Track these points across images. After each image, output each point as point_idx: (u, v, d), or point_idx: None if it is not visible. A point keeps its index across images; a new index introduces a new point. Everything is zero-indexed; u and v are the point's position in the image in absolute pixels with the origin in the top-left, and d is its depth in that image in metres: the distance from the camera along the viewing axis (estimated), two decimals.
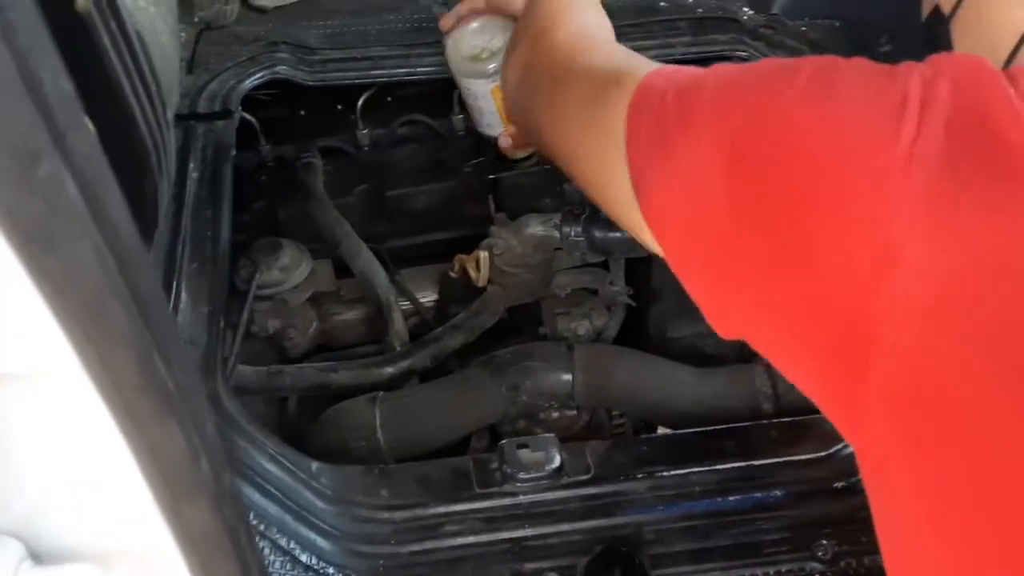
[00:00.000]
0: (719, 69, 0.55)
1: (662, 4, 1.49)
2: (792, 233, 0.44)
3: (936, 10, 0.60)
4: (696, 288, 0.53)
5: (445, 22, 1.12)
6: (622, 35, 1.39)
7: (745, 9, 1.49)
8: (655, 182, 0.52)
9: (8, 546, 0.34)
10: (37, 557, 0.35)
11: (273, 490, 0.84)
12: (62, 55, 0.46)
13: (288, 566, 0.81)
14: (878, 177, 0.41)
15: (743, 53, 1.39)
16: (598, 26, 0.87)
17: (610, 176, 0.57)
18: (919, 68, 0.45)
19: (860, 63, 0.48)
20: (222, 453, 0.34)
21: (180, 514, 0.32)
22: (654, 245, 0.56)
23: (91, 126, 0.44)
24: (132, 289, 0.27)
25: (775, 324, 0.49)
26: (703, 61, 1.40)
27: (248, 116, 1.25)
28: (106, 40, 0.46)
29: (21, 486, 0.33)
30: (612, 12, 1.46)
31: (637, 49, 1.38)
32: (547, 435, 0.93)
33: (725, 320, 0.53)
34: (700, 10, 1.47)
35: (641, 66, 0.62)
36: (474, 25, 1.10)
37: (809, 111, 0.45)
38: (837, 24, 1.45)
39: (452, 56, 1.11)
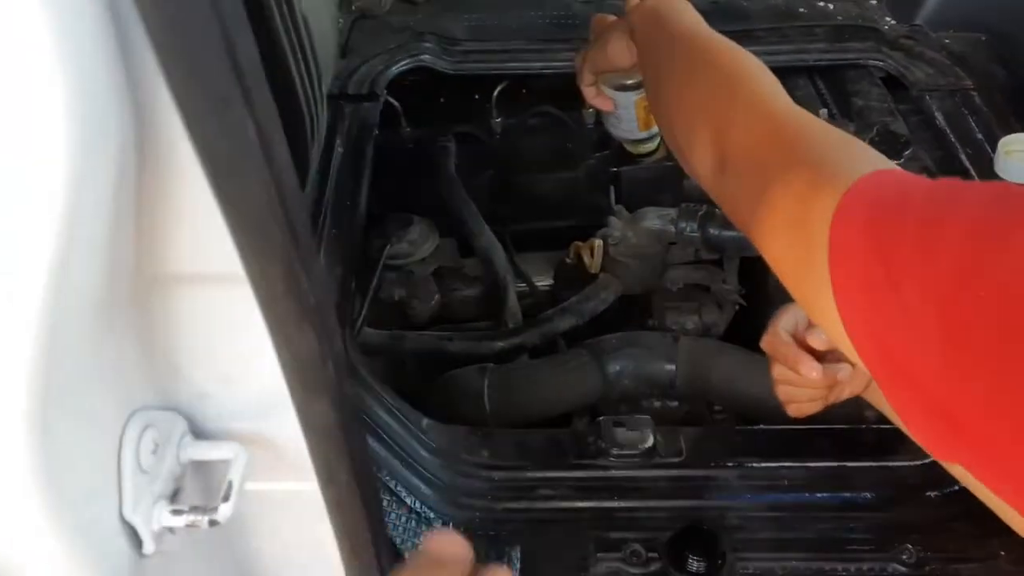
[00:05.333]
0: (922, 202, 0.50)
1: (801, 10, 1.50)
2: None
3: None
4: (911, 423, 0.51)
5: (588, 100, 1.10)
6: (758, 39, 1.42)
7: (887, 19, 1.48)
8: (868, 330, 0.51)
9: (176, 421, 0.43)
10: (196, 433, 0.44)
11: (386, 437, 0.92)
12: None
13: (394, 506, 0.89)
14: None
15: (879, 62, 1.38)
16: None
17: (815, 290, 0.54)
18: None
19: None
20: (345, 362, 0.41)
21: (308, 409, 0.40)
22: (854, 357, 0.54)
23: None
24: (287, 216, 0.35)
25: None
26: (837, 68, 1.40)
27: (392, 100, 1.35)
28: (278, 20, 0.55)
29: (190, 374, 0.42)
30: (750, 16, 1.50)
31: (771, 54, 1.40)
32: (643, 416, 0.97)
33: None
34: (840, 17, 1.47)
35: (843, 165, 0.56)
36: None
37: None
38: (983, 37, 1.41)
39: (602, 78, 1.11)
